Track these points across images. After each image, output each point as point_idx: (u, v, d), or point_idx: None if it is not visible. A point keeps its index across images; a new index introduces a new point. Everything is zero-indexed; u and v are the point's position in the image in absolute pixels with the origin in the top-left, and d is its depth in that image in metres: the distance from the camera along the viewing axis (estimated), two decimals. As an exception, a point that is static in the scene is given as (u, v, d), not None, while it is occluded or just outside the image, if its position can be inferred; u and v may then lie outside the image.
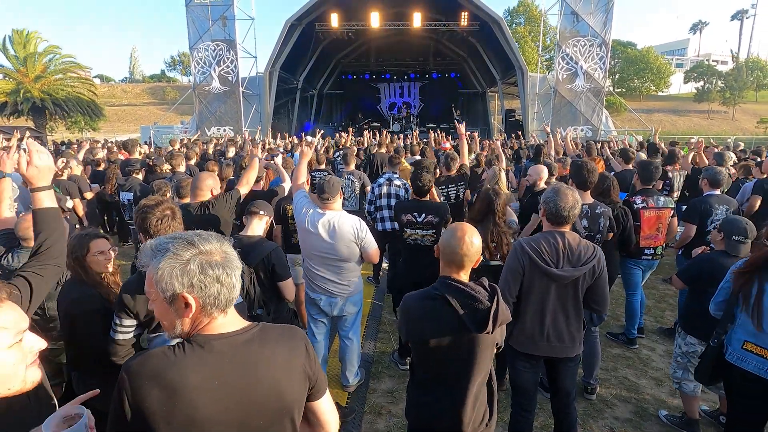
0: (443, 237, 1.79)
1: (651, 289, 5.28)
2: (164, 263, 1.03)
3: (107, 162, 7.26)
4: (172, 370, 1.03)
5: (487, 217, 2.97)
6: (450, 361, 1.73)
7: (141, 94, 53.49)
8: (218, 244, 1.10)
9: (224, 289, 1.07)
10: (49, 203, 1.55)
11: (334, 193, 2.95)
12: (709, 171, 4.08)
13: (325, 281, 3.04)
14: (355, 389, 3.34)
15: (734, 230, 2.72)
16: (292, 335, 1.22)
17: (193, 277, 1.03)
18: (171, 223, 2.07)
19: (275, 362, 1.13)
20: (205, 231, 1.13)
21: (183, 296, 1.03)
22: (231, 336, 1.11)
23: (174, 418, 1.02)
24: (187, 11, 17.85)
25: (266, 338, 1.16)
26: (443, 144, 9.62)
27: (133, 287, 1.89)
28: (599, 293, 2.31)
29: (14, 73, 23.69)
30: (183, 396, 1.02)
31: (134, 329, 1.91)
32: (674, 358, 3.00)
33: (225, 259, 1.08)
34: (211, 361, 1.06)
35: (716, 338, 2.33)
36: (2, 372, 1.02)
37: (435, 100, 26.31)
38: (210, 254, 1.06)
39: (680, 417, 2.99)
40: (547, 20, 22.09)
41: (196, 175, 3.82)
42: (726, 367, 2.28)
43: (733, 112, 43.24)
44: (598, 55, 17.71)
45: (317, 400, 1.27)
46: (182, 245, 1.05)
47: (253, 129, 16.29)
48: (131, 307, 1.87)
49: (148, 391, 1.02)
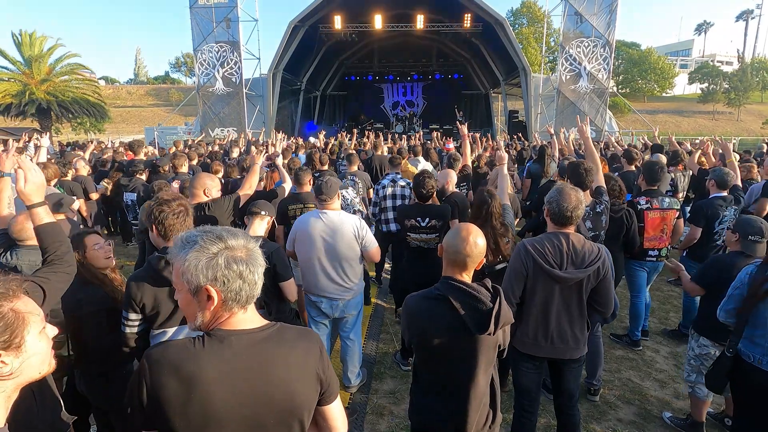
0: (447, 237, 1.79)
1: (655, 291, 5.25)
2: (191, 255, 1.06)
3: (113, 162, 7.31)
4: (191, 361, 1.06)
5: (485, 223, 2.93)
6: (452, 361, 1.72)
7: (145, 96, 53.81)
8: (244, 240, 1.12)
9: (246, 285, 1.09)
10: (47, 218, 1.62)
11: (332, 193, 2.96)
12: (717, 172, 4.00)
13: (326, 283, 3.03)
14: (358, 390, 3.34)
15: (750, 230, 2.67)
16: (309, 338, 1.23)
17: (217, 271, 1.05)
18: (185, 219, 2.08)
19: (289, 363, 1.14)
20: (233, 227, 1.16)
21: (206, 289, 1.06)
22: (249, 333, 1.13)
23: (189, 409, 1.04)
24: (191, 13, 17.93)
25: (283, 338, 1.17)
26: (446, 145, 9.63)
27: (138, 278, 1.91)
28: (604, 295, 2.30)
29: (20, 75, 23.88)
30: (199, 388, 1.04)
31: (139, 324, 1.93)
32: (687, 361, 2.95)
33: (249, 256, 1.11)
34: (228, 357, 1.08)
35: (731, 347, 2.25)
36: (41, 354, 1.06)
37: (438, 101, 26.30)
38: (235, 250, 1.09)
39: (685, 419, 2.97)
40: (550, 21, 22.06)
41: (196, 175, 3.84)
42: (744, 373, 2.21)
43: (738, 113, 42.97)
44: (601, 56, 17.63)
45: (328, 404, 1.27)
46: (210, 239, 1.08)
47: (257, 130, 16.35)
48: (137, 300, 1.88)
49: (167, 380, 1.04)
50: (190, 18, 17.98)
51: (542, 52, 23.21)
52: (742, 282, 2.27)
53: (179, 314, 1.91)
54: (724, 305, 2.34)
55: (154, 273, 1.92)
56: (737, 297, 2.27)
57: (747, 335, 2.22)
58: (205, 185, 3.15)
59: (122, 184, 5.90)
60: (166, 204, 2.06)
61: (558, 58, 18.43)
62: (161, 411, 1.04)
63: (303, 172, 4.04)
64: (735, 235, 2.76)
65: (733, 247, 2.79)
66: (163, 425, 1.06)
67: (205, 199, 3.11)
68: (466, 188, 5.10)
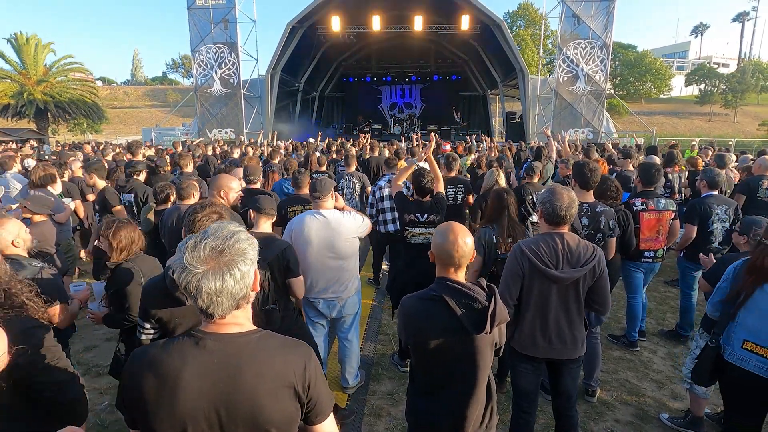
0: (435, 241, 1.79)
1: (652, 292, 5.26)
2: (176, 259, 1.09)
3: (113, 163, 7.28)
4: (167, 361, 1.07)
5: (502, 214, 3.06)
6: (449, 362, 1.72)
7: (143, 97, 53.69)
8: (230, 241, 1.09)
9: (216, 297, 1.07)
10: None
11: (325, 191, 2.98)
12: (707, 173, 4.10)
13: (323, 283, 3.03)
14: (355, 391, 3.33)
15: (757, 230, 2.69)
16: (294, 350, 1.17)
17: (184, 284, 1.06)
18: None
19: (262, 373, 1.09)
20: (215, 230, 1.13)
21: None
22: (229, 337, 1.11)
23: (159, 408, 1.05)
24: (189, 14, 17.92)
25: (263, 347, 1.12)
26: (443, 146, 9.67)
27: (155, 298, 1.88)
28: (601, 293, 2.31)
29: (17, 76, 23.82)
30: (171, 388, 1.05)
31: (153, 332, 1.92)
32: (691, 358, 2.92)
33: (225, 264, 1.08)
34: (200, 359, 1.08)
35: (714, 338, 2.32)
36: None
37: (436, 103, 26.35)
38: (219, 259, 1.06)
39: (684, 417, 2.97)
40: (548, 23, 22.11)
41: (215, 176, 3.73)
42: (724, 367, 2.26)
43: (734, 114, 43.17)
44: (599, 57, 17.70)
45: (317, 424, 1.21)
46: (189, 249, 1.08)
47: (255, 132, 16.34)
48: (152, 313, 1.89)
49: (144, 379, 1.06)
50: (188, 19, 17.98)
51: (540, 53, 23.30)
52: (728, 275, 2.35)
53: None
54: (712, 298, 2.42)
55: (165, 290, 1.83)
56: (723, 290, 2.34)
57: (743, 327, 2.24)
58: (221, 186, 3.09)
59: (119, 185, 5.87)
60: (198, 211, 2.05)
61: (555, 60, 18.49)
62: (137, 408, 1.07)
63: (301, 174, 4.04)
64: (743, 237, 2.79)
65: (743, 248, 2.82)
66: (142, 425, 1.08)
67: (221, 201, 3.01)
68: (462, 190, 5.10)
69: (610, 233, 3.20)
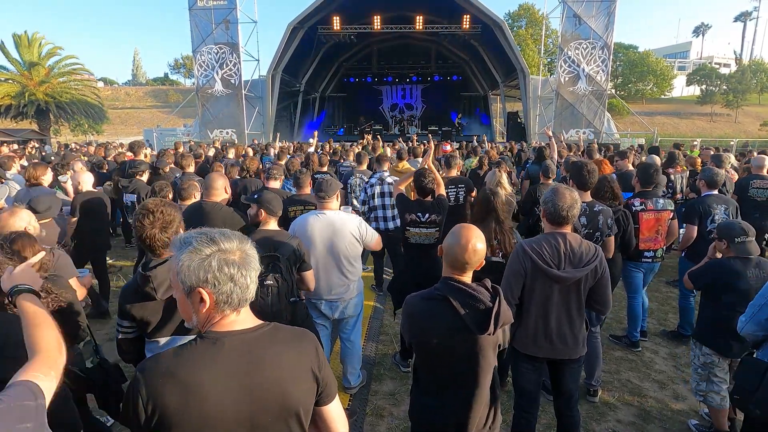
0: (448, 240, 1.78)
1: (654, 292, 5.26)
2: (185, 256, 1.07)
3: (115, 164, 7.30)
4: (185, 367, 1.07)
5: (488, 216, 3.01)
6: (452, 362, 1.73)
7: (144, 97, 53.80)
8: (239, 243, 1.12)
9: (237, 288, 1.09)
10: None
11: (331, 192, 2.99)
12: (706, 172, 4.12)
13: (325, 284, 3.03)
14: (357, 391, 3.34)
15: (733, 233, 2.69)
16: (303, 338, 1.23)
17: (209, 273, 1.06)
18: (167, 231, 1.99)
19: (282, 362, 1.15)
20: (230, 230, 1.16)
21: (198, 291, 1.07)
22: (242, 333, 1.13)
23: (188, 414, 1.05)
24: (190, 15, 17.96)
25: (276, 338, 1.18)
26: (444, 147, 9.67)
27: (129, 295, 1.88)
28: (602, 294, 2.31)
29: (19, 77, 23.88)
30: (196, 392, 1.05)
31: (131, 331, 1.92)
32: (694, 370, 2.90)
33: (243, 260, 1.11)
34: (221, 358, 1.09)
35: (763, 354, 2.08)
36: None
37: (437, 103, 26.37)
38: (228, 253, 1.09)
39: (709, 428, 2.92)
40: (549, 23, 22.10)
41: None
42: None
43: (736, 114, 43.10)
44: (600, 57, 17.70)
45: (326, 405, 1.27)
46: (204, 241, 1.09)
47: (256, 132, 16.38)
48: (133, 313, 1.87)
49: (164, 388, 1.04)
50: (189, 19, 18.02)
51: (541, 54, 23.29)
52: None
53: (171, 325, 1.88)
54: (755, 317, 2.09)
55: (137, 287, 1.85)
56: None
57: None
58: (227, 184, 3.30)
59: (122, 185, 5.89)
60: (147, 216, 1.89)
61: (556, 60, 18.49)
62: (161, 421, 1.04)
63: (302, 175, 4.05)
64: (723, 242, 2.76)
65: (726, 253, 2.79)
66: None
67: (225, 197, 3.26)
68: (464, 190, 5.10)
69: (608, 232, 3.21)
